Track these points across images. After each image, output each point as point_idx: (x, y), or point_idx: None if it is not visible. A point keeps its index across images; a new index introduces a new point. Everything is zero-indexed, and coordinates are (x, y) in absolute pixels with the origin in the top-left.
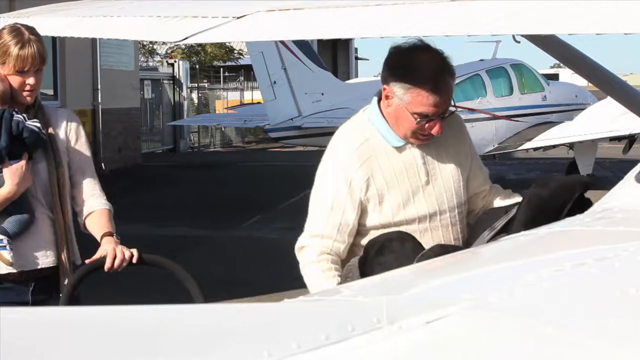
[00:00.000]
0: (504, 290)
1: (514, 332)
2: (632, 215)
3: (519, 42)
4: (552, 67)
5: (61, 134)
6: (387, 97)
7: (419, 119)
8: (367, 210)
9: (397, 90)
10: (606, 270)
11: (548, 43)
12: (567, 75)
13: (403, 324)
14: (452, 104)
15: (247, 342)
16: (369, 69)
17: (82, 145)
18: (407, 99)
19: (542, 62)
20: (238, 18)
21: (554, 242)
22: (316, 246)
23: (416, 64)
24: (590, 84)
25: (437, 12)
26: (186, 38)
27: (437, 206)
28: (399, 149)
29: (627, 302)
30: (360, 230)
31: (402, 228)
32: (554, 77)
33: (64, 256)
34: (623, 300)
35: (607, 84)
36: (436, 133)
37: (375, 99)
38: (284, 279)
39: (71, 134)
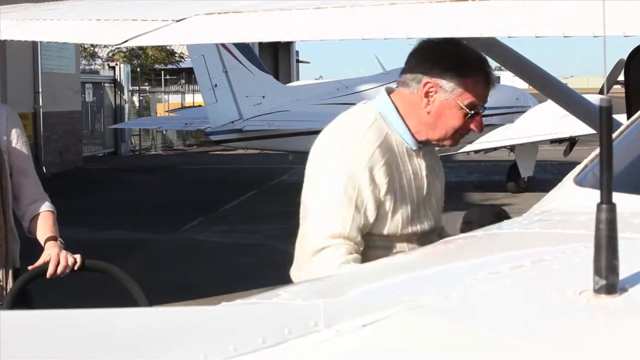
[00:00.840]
0: (440, 292)
1: (450, 334)
2: (570, 218)
3: None
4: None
5: (1, 132)
6: (427, 93)
7: (470, 112)
8: (379, 215)
9: (446, 82)
10: (543, 272)
11: (488, 46)
12: (509, 78)
13: (340, 327)
14: None
15: (184, 345)
16: (310, 72)
17: (22, 145)
18: (459, 90)
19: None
20: (177, 21)
21: (491, 244)
22: (341, 247)
23: (466, 53)
24: (531, 87)
25: (377, 15)
26: (126, 41)
27: (434, 222)
28: (413, 153)
29: (564, 304)
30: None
31: (407, 243)
32: (496, 80)
33: (3, 259)
34: (560, 302)
35: (547, 86)
36: (478, 129)
37: (384, 94)
38: (224, 281)
39: (11, 133)
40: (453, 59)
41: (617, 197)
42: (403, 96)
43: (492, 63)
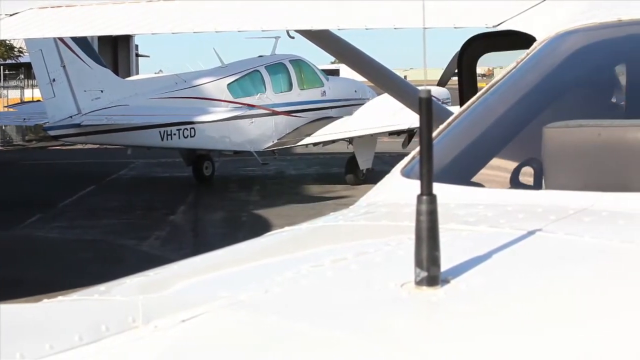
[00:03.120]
0: (260, 287)
1: (268, 328)
2: (395, 210)
3: (292, 37)
4: (332, 63)
5: None
6: None
7: None
8: None
9: None
10: (366, 265)
11: (322, 39)
12: (348, 71)
13: (159, 323)
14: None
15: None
16: (150, 66)
17: None
18: None
19: (324, 57)
20: (11, 15)
21: (315, 237)
22: None
23: None
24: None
25: (209, 9)
26: None
27: None
28: None
29: (385, 297)
30: None
31: None
32: (335, 72)
33: None
34: (381, 295)
35: (382, 79)
36: None
37: None
38: (62, 277)
39: None
40: None
41: (444, 189)
42: None
43: (329, 56)
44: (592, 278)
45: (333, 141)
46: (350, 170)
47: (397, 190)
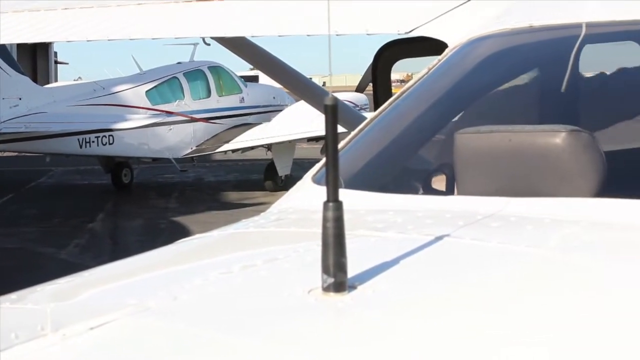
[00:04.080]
0: (168, 294)
1: (175, 335)
2: (305, 216)
3: (208, 44)
4: (252, 69)
5: None
6: None
7: None
8: None
9: None
10: (274, 271)
11: (238, 46)
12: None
13: (67, 330)
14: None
15: None
16: (70, 73)
17: None
18: None
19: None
20: None
21: (225, 244)
22: None
23: None
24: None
25: (123, 16)
26: None
27: None
28: None
29: (293, 303)
30: None
31: None
32: (254, 79)
33: None
34: (288, 301)
35: (298, 86)
36: None
37: None
38: None
39: None
40: None
41: (354, 195)
42: None
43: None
44: (498, 283)
45: (252, 148)
46: (269, 177)
47: (308, 196)
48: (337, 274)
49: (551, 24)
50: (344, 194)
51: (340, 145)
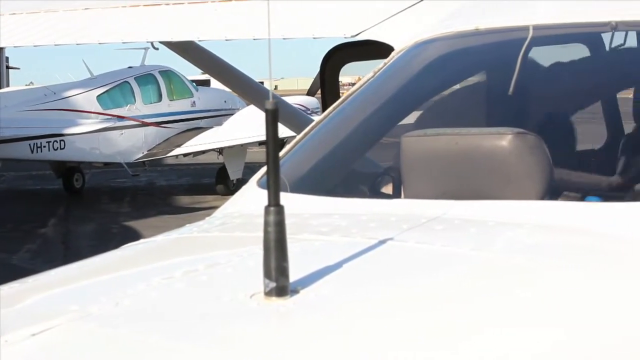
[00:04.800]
0: (111, 300)
1: (117, 341)
2: (249, 220)
3: (157, 49)
4: (203, 73)
5: None
6: None
7: None
8: None
9: None
10: (217, 276)
11: (187, 50)
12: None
13: (9, 337)
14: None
15: None
16: (21, 78)
17: None
18: None
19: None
20: None
21: (169, 249)
22: None
23: None
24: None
25: (71, 20)
26: None
27: None
28: None
29: (234, 308)
30: None
31: None
32: (206, 83)
33: None
34: (230, 306)
35: (247, 90)
36: None
37: None
38: None
39: None
40: None
41: (299, 199)
42: None
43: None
44: (441, 286)
45: (203, 152)
46: (221, 181)
47: (252, 201)
48: (279, 279)
49: (497, 26)
50: (289, 198)
51: (285, 149)
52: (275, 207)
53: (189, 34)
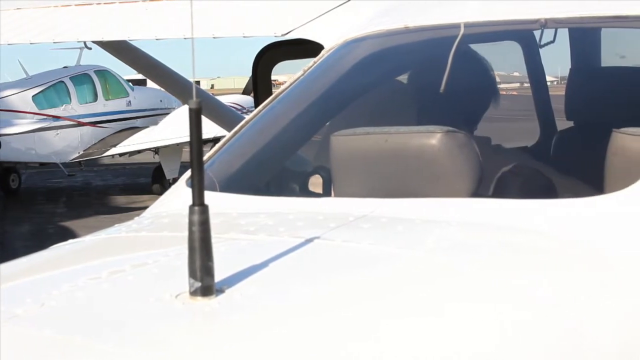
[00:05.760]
0: (36, 301)
1: (43, 342)
2: (177, 220)
3: (90, 48)
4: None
5: None
6: None
7: None
8: None
9: None
10: (143, 276)
11: (119, 50)
12: None
13: None
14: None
15: None
16: None
17: None
18: None
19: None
20: None
21: (97, 250)
22: None
23: None
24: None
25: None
26: None
27: None
28: None
29: (159, 308)
30: None
31: None
32: (142, 82)
33: None
34: (155, 306)
35: (180, 89)
36: None
37: None
38: None
39: None
40: None
41: (227, 198)
42: None
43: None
44: (367, 284)
45: (139, 151)
46: (157, 180)
47: (181, 200)
48: (204, 278)
49: (427, 24)
50: (219, 198)
51: (215, 148)
52: (199, 207)
53: (120, 33)
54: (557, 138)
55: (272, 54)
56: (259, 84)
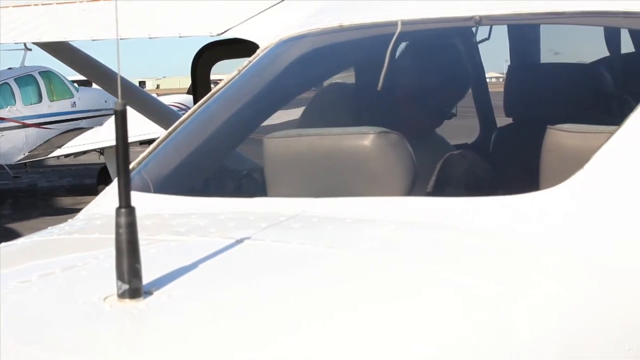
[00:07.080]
0: None
1: None
2: (110, 222)
3: (30, 49)
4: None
5: None
6: None
7: None
8: None
9: None
10: (72, 279)
11: (59, 51)
12: None
13: None
14: None
15: None
16: None
17: None
18: None
19: None
20: None
21: (28, 252)
22: None
23: None
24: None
25: None
26: None
27: None
28: None
29: (88, 311)
30: None
31: None
32: (88, 83)
33: None
34: (84, 309)
35: (125, 91)
36: None
37: None
38: None
39: None
40: None
41: (159, 199)
42: None
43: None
44: (295, 284)
45: (84, 152)
46: (102, 181)
47: (114, 202)
48: (131, 280)
49: (363, 22)
50: (152, 199)
51: (149, 149)
52: (126, 209)
53: (57, 34)
54: (496, 135)
55: (210, 54)
56: (198, 84)
